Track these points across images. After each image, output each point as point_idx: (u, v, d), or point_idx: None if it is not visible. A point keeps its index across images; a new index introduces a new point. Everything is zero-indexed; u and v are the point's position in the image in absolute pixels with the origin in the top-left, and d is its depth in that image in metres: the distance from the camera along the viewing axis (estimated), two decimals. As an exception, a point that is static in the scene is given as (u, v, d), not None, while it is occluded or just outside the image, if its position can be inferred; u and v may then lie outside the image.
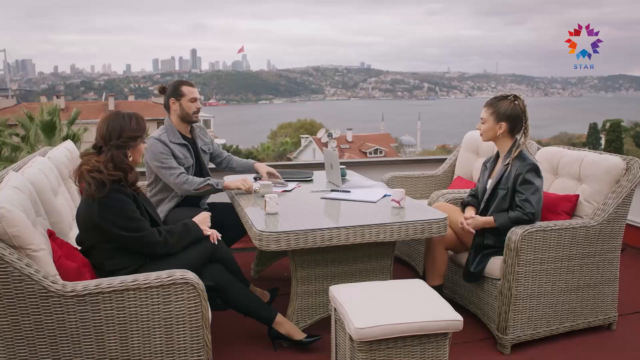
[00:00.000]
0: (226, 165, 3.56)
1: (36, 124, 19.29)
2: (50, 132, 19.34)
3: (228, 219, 3.14)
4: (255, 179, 3.51)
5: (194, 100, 3.20)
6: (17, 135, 20.38)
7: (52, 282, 1.88)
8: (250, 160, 3.59)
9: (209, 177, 3.19)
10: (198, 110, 3.24)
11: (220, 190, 3.19)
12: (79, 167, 2.26)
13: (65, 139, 18.79)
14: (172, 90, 3.21)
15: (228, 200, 3.39)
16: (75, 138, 19.17)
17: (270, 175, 3.37)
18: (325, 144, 36.27)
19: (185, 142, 3.22)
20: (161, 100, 3.40)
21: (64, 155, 3.30)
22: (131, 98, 52.68)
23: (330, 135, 39.30)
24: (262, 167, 3.46)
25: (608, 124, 45.44)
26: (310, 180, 3.57)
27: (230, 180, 3.22)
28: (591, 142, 45.23)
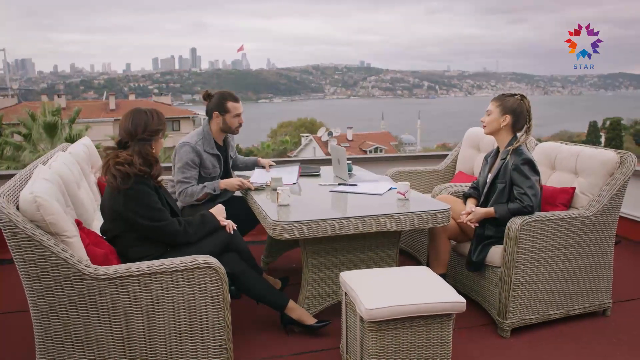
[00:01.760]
0: (234, 165, 3.71)
1: (39, 123, 19.45)
2: (52, 131, 19.51)
3: (239, 212, 3.28)
4: None
5: (238, 115, 3.32)
6: (19, 133, 20.54)
7: (86, 266, 2.03)
8: (253, 157, 3.78)
9: (206, 184, 3.26)
10: (240, 125, 3.36)
11: (218, 192, 3.31)
12: (106, 160, 2.40)
13: (67, 138, 18.97)
14: (218, 103, 3.29)
15: (239, 194, 3.54)
16: (77, 138, 19.36)
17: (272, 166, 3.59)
18: (326, 143, 36.39)
19: (218, 153, 3.34)
20: (162, 99, 3.55)
21: (83, 151, 3.46)
22: (132, 97, 52.65)
23: (330, 133, 39.41)
24: (265, 161, 3.71)
25: (608, 122, 45.58)
26: (318, 175, 3.72)
27: (224, 182, 3.31)
28: (591, 140, 45.31)
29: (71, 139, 18.81)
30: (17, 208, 2.01)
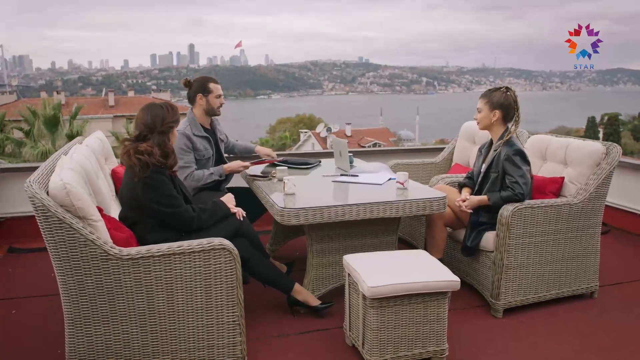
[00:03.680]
0: (230, 150, 3.98)
1: (40, 119, 19.58)
2: (53, 127, 19.64)
3: (245, 203, 3.46)
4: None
5: (219, 96, 3.59)
6: (21, 130, 20.66)
7: (111, 247, 2.21)
8: (250, 145, 4.02)
9: (212, 171, 3.52)
10: (221, 105, 3.62)
11: (224, 178, 3.57)
12: (126, 150, 2.57)
13: (68, 134, 19.06)
14: (200, 86, 3.56)
15: (245, 185, 3.73)
16: (78, 133, 19.55)
17: (267, 155, 3.88)
18: (324, 139, 36.53)
19: (207, 135, 3.56)
20: (161, 96, 3.78)
21: (97, 144, 3.63)
22: (131, 94, 52.64)
23: (329, 129, 39.50)
24: (262, 150, 3.98)
25: (606, 118, 45.71)
26: (318, 166, 3.89)
27: (227, 166, 3.59)
28: (589, 135, 45.37)
29: (72, 135, 19.00)
30: (47, 194, 2.19)
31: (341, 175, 3.55)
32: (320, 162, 4.00)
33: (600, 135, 43.04)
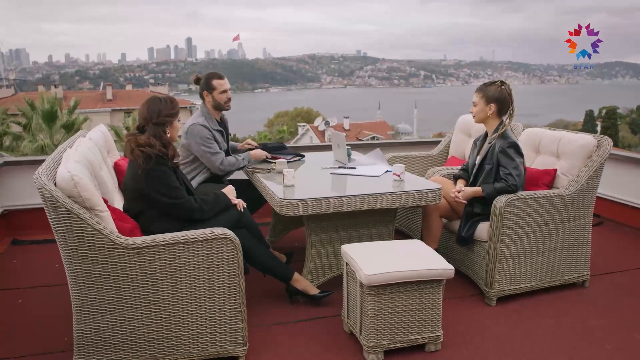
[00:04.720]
0: None
1: (38, 113, 19.59)
2: (51, 121, 19.67)
3: (245, 194, 3.54)
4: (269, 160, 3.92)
5: (225, 91, 3.66)
6: (19, 123, 20.65)
7: (117, 237, 2.29)
8: (234, 143, 4.07)
9: (243, 157, 3.71)
10: (229, 100, 3.70)
11: (223, 175, 3.68)
12: (128, 143, 2.64)
13: (65, 127, 19.08)
14: (204, 83, 3.66)
15: (245, 177, 3.81)
16: (75, 126, 19.59)
17: (248, 144, 4.00)
18: (323, 132, 36.59)
19: (221, 128, 3.67)
20: (159, 89, 3.86)
21: (100, 137, 3.69)
22: (129, 87, 52.50)
23: (327, 123, 39.55)
24: (244, 146, 4.02)
25: (604, 111, 45.81)
26: (301, 158, 3.97)
27: (253, 153, 3.77)
28: (587, 129, 45.47)
29: (66, 125, 19.11)
30: (55, 185, 2.26)
31: (339, 167, 3.63)
32: (304, 155, 4.05)
33: (598, 128, 43.09)
